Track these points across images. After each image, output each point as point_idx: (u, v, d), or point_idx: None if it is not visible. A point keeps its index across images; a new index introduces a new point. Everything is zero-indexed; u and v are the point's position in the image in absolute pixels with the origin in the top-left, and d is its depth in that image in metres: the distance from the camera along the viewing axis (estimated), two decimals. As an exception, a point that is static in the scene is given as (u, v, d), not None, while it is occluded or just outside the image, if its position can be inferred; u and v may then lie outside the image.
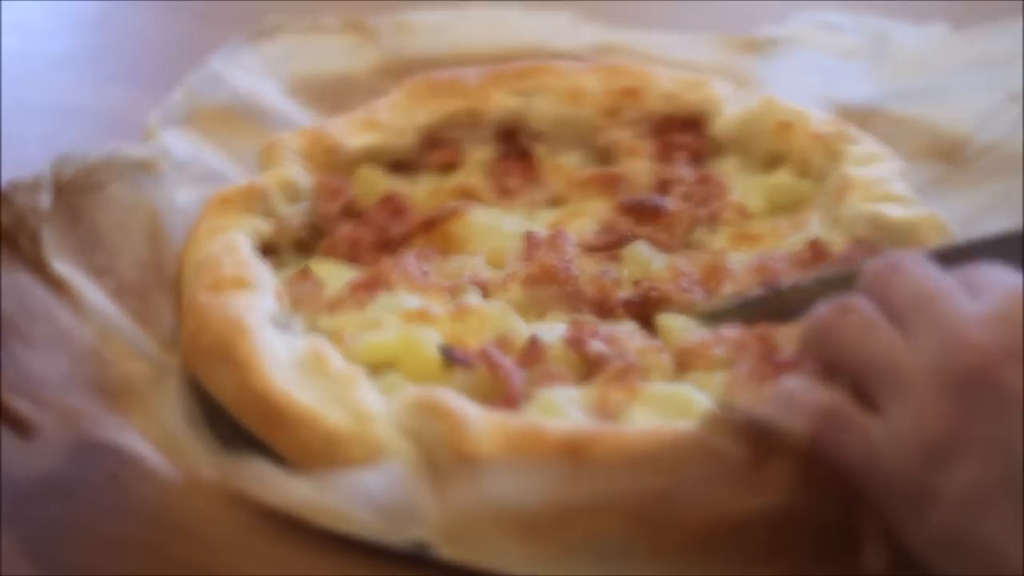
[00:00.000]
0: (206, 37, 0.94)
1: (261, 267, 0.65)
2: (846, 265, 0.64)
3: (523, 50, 0.90)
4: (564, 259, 0.67)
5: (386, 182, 0.76)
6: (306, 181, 0.73)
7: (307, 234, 0.72)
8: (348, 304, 0.65)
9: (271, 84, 0.88)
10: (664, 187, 0.75)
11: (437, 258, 0.69)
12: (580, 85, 0.80)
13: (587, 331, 0.62)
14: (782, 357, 0.59)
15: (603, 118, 0.79)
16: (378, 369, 0.60)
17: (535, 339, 0.61)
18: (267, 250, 0.68)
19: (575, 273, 0.66)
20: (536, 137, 0.79)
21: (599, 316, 0.65)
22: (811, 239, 0.69)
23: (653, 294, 0.65)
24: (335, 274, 0.68)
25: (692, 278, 0.67)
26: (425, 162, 0.78)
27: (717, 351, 0.61)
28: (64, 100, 0.94)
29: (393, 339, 0.61)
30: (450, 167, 0.78)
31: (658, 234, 0.71)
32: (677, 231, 0.71)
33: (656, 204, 0.72)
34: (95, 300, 0.61)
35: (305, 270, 0.68)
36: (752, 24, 0.98)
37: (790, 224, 0.72)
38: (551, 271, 0.66)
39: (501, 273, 0.67)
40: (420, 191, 0.76)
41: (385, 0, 1.02)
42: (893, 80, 0.89)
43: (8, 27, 1.05)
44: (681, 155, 0.77)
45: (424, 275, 0.67)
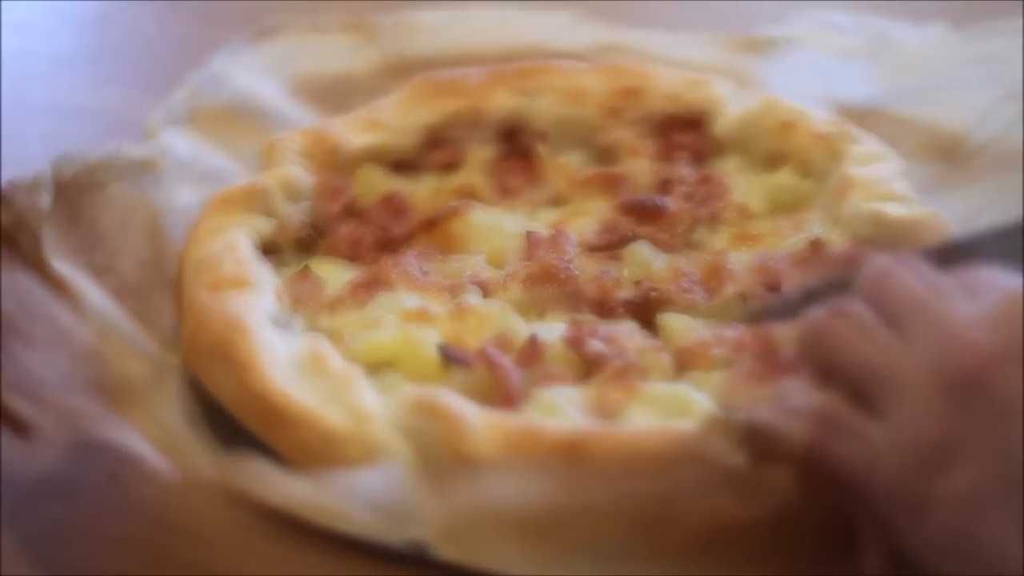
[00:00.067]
0: (206, 37, 0.94)
1: (261, 267, 0.65)
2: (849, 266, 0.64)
3: (524, 50, 0.90)
4: (564, 259, 0.67)
5: (387, 182, 0.76)
6: (307, 181, 0.73)
7: (308, 234, 0.72)
8: (348, 304, 0.65)
9: (272, 84, 0.88)
10: (665, 187, 0.75)
11: (438, 258, 0.69)
12: (581, 85, 0.80)
13: (586, 331, 0.62)
14: (782, 357, 0.59)
15: (604, 118, 0.79)
16: (377, 368, 0.60)
17: (534, 339, 0.61)
18: (268, 249, 0.68)
19: (575, 273, 0.66)
20: (537, 137, 0.79)
21: (599, 316, 0.65)
22: (812, 239, 0.69)
23: (653, 294, 0.65)
24: (335, 274, 0.68)
25: (693, 278, 0.67)
26: (426, 162, 0.78)
27: (717, 351, 0.61)
28: (64, 100, 0.94)
29: (392, 339, 0.61)
30: (451, 167, 0.78)
31: (659, 234, 0.71)
32: (678, 231, 0.71)
33: (657, 204, 0.72)
34: (95, 300, 0.62)
35: (305, 270, 0.68)
36: (753, 24, 0.98)
37: (791, 224, 0.72)
38: (551, 271, 0.66)
39: (501, 273, 0.67)
40: (421, 191, 0.76)
41: (386, 0, 1.02)
42: (893, 80, 0.89)
43: (8, 27, 1.05)
44: (682, 155, 0.77)
45: (424, 275, 0.67)
